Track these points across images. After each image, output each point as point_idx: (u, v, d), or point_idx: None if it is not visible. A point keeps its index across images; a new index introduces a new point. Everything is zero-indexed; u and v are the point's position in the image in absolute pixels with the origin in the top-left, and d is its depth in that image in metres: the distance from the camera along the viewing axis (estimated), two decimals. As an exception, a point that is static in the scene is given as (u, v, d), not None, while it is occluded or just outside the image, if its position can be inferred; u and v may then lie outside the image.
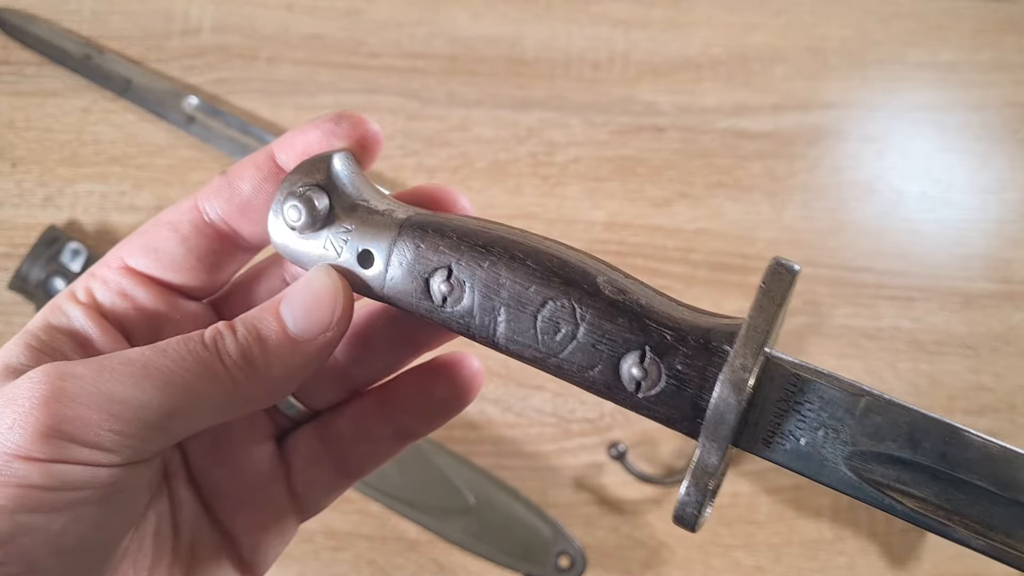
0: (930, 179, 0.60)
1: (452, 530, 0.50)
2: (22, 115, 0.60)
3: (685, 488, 0.19)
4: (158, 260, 0.22)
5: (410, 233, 0.21)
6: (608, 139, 0.60)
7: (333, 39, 0.62)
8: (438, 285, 0.21)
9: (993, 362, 0.56)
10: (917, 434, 0.18)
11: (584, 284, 0.20)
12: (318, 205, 0.21)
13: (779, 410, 0.19)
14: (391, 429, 0.26)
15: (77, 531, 0.19)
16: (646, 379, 0.20)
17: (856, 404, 0.19)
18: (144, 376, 0.19)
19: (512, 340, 0.20)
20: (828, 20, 0.63)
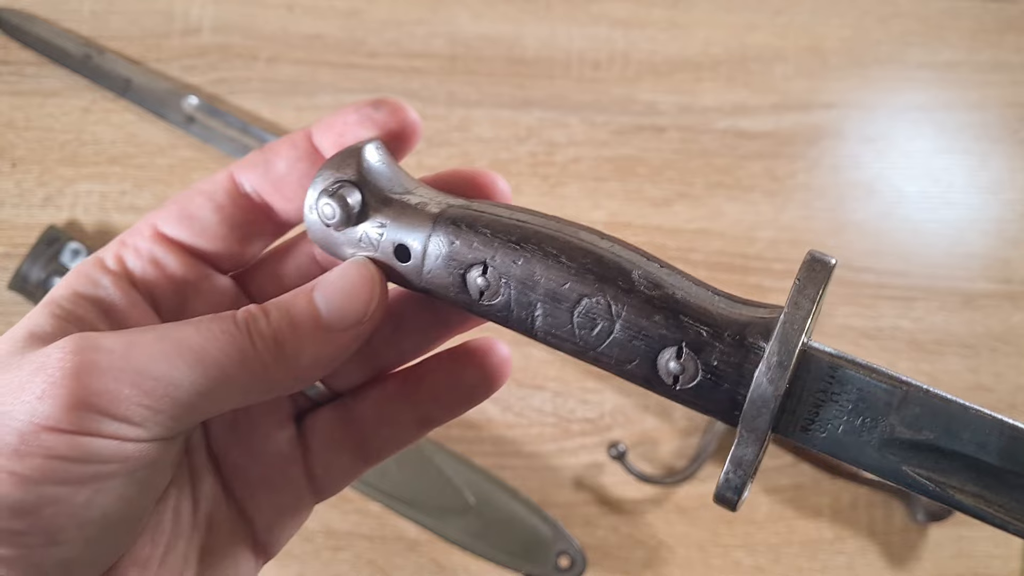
0: (930, 179, 0.60)
1: (452, 530, 0.50)
2: (22, 115, 0.60)
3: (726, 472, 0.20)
4: (192, 227, 0.22)
5: (444, 228, 0.21)
6: (608, 139, 0.60)
7: (333, 39, 0.62)
8: (475, 279, 0.21)
9: (993, 362, 0.57)
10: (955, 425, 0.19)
11: (619, 280, 0.20)
12: (351, 201, 0.21)
13: (818, 400, 0.20)
14: (414, 415, 0.25)
15: (101, 504, 0.18)
16: (683, 374, 0.20)
17: (894, 394, 0.19)
18: (177, 354, 0.19)
19: (550, 334, 0.21)
20: (828, 20, 0.63)
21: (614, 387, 0.55)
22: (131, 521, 0.20)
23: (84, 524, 0.18)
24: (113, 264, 0.22)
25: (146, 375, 0.18)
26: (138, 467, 0.19)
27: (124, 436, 0.18)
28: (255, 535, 0.24)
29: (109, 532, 0.19)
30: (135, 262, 0.22)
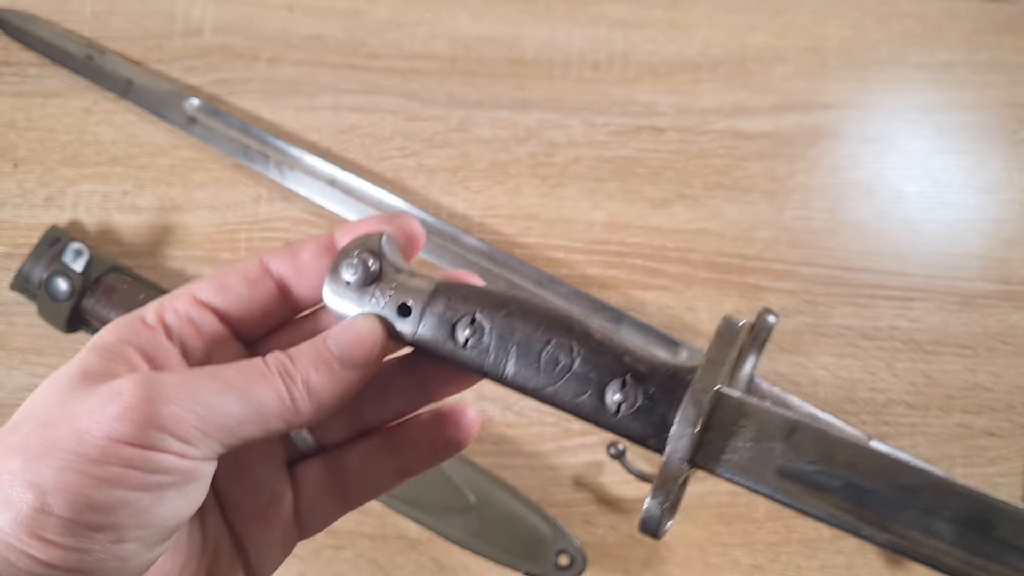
0: (928, 179, 0.60)
1: (452, 529, 0.51)
2: (24, 115, 0.60)
3: (652, 496, 0.23)
4: (226, 297, 0.27)
5: (443, 291, 0.26)
6: (607, 140, 0.60)
7: (333, 40, 0.62)
8: (462, 330, 0.25)
9: (991, 361, 0.57)
10: (831, 449, 0.23)
11: (580, 329, 0.25)
12: (371, 266, 0.26)
13: (726, 433, 0.24)
14: (394, 466, 0.29)
15: (158, 510, 0.22)
16: (626, 401, 0.24)
17: (785, 427, 0.24)
18: (226, 389, 0.23)
19: (519, 373, 0.25)
20: (827, 21, 0.64)
21: (613, 387, 0.56)
22: (174, 529, 0.24)
23: (144, 526, 0.22)
24: (152, 320, 0.26)
25: (202, 404, 0.23)
26: (188, 481, 0.23)
27: (182, 453, 0.22)
28: (248, 562, 0.28)
29: (158, 535, 0.23)
30: (173, 319, 0.26)
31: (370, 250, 0.26)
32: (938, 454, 0.55)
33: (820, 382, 0.56)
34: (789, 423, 0.24)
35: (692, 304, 0.57)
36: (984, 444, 0.55)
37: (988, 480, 0.55)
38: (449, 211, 0.59)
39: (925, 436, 0.55)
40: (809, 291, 0.58)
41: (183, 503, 0.23)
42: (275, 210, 0.59)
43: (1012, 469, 0.55)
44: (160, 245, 0.58)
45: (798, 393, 0.55)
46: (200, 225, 0.58)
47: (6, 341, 0.56)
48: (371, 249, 0.26)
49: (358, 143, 0.60)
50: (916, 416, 0.56)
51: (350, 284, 0.26)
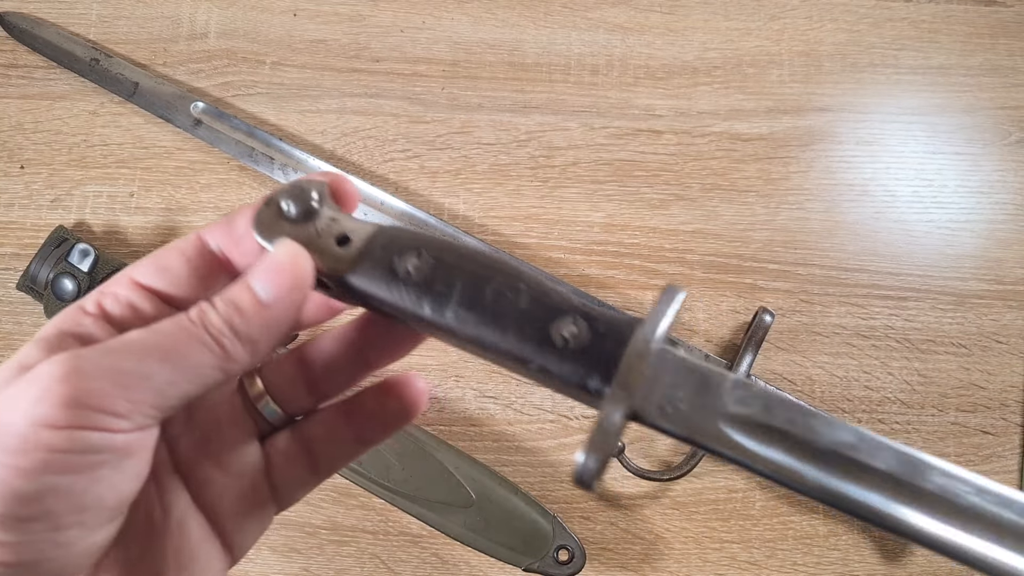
0: (922, 181, 0.61)
1: (453, 525, 0.51)
2: (31, 118, 0.61)
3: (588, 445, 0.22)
4: (165, 276, 0.26)
5: (387, 230, 0.25)
6: (606, 142, 0.61)
7: (337, 44, 0.63)
8: (406, 262, 0.24)
9: (985, 360, 0.57)
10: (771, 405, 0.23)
11: (528, 270, 0.24)
12: (313, 197, 0.24)
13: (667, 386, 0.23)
14: (353, 435, 0.29)
15: (95, 491, 0.21)
16: (575, 336, 0.23)
17: (726, 382, 0.23)
18: (145, 352, 0.22)
19: (459, 312, 0.23)
20: (822, 25, 0.64)
21: (612, 385, 0.56)
22: (119, 507, 0.23)
23: (80, 510, 0.21)
24: (93, 308, 0.25)
25: (123, 372, 0.22)
26: (124, 456, 0.22)
27: (111, 427, 0.21)
28: (224, 537, 0.27)
29: (101, 516, 0.22)
30: (113, 305, 0.25)
31: (313, 188, 0.25)
32: (933, 452, 0.55)
33: (816, 380, 0.57)
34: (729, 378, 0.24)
35: (689, 304, 0.58)
36: (978, 442, 0.56)
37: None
38: (451, 212, 0.59)
39: (920, 434, 0.56)
40: (805, 291, 0.58)
41: (121, 479, 0.22)
42: (279, 211, 0.59)
43: (1007, 467, 0.56)
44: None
45: (794, 391, 0.56)
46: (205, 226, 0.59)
47: (13, 341, 0.56)
48: (314, 188, 0.25)
49: (361, 145, 0.61)
50: (911, 414, 0.56)
51: (285, 214, 0.24)
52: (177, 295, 0.26)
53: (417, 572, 0.53)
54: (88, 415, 0.21)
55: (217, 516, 0.27)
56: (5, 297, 0.57)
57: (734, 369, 0.52)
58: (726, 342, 0.57)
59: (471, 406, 0.56)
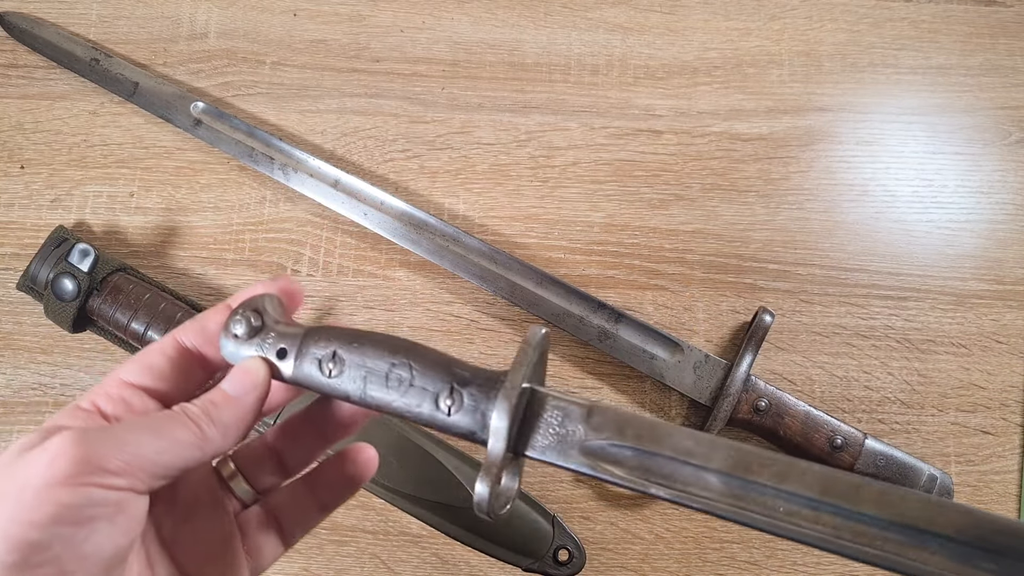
0: (922, 181, 0.61)
1: (453, 525, 0.51)
2: (31, 118, 0.61)
3: (479, 480, 0.27)
4: (150, 374, 0.31)
5: (311, 335, 0.31)
6: (606, 142, 0.61)
7: (337, 44, 0.63)
8: (327, 364, 0.30)
9: (985, 360, 0.57)
10: (623, 425, 0.27)
11: (417, 350, 0.30)
12: (253, 322, 0.31)
13: (538, 423, 0.28)
14: (316, 502, 0.35)
15: (94, 541, 0.25)
16: (454, 405, 0.29)
17: (583, 412, 0.28)
18: (139, 428, 0.27)
19: (373, 394, 0.30)
20: (822, 25, 0.64)
21: (612, 385, 0.56)
22: (115, 560, 0.26)
23: (83, 558, 0.25)
24: (88, 406, 0.29)
25: (122, 442, 0.26)
26: (118, 511, 0.26)
27: (111, 485, 0.25)
28: None
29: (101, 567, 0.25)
30: (106, 403, 0.30)
31: (254, 309, 0.31)
32: (933, 452, 0.56)
33: (816, 380, 0.57)
34: (587, 407, 0.28)
35: (689, 304, 0.58)
36: (978, 442, 0.56)
37: (983, 478, 0.55)
38: (451, 212, 0.59)
39: (920, 434, 0.56)
40: (805, 291, 0.58)
41: (116, 532, 0.26)
42: (280, 211, 0.59)
43: (1006, 467, 0.56)
44: (166, 246, 0.59)
45: (794, 391, 0.56)
46: (205, 226, 0.59)
47: (13, 341, 0.56)
48: (254, 308, 0.32)
49: (361, 145, 0.61)
50: (911, 414, 0.56)
51: (238, 337, 0.31)
52: (160, 388, 0.31)
53: (417, 572, 0.53)
54: (91, 474, 0.25)
55: None
56: (5, 297, 0.57)
57: (734, 369, 0.52)
58: (726, 342, 0.57)
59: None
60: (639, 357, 0.54)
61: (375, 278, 0.58)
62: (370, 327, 0.57)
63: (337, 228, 0.59)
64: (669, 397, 0.56)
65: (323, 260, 0.58)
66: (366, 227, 0.57)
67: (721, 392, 0.52)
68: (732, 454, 0.26)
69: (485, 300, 0.58)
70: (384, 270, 0.58)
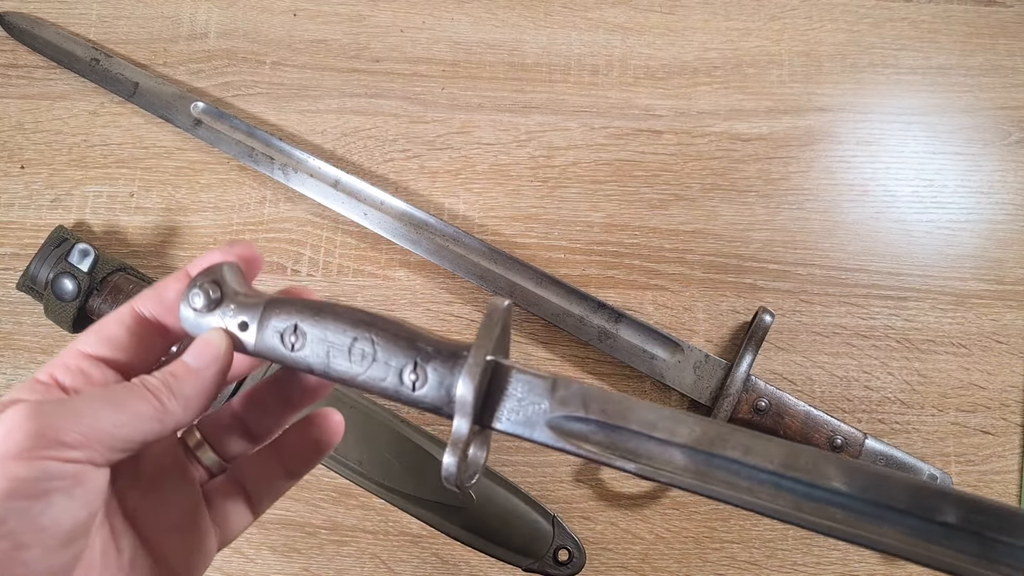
0: (922, 181, 0.61)
1: (453, 525, 0.51)
2: (31, 118, 0.61)
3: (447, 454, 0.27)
4: (108, 344, 0.30)
5: (271, 307, 0.30)
6: (606, 142, 0.61)
7: (337, 44, 0.63)
8: (288, 337, 0.30)
9: (985, 360, 0.57)
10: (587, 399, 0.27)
11: (379, 324, 0.29)
12: (212, 294, 0.30)
13: (502, 395, 0.28)
14: (283, 469, 0.34)
15: (51, 514, 0.25)
16: (418, 380, 0.28)
17: (548, 385, 0.28)
18: (96, 399, 0.27)
19: (336, 368, 0.29)
20: (822, 25, 0.64)
21: (612, 385, 0.56)
22: (74, 532, 0.26)
23: (41, 530, 0.24)
24: (46, 379, 0.29)
25: (78, 414, 0.26)
26: (75, 484, 0.25)
27: (66, 458, 0.25)
28: (171, 571, 0.31)
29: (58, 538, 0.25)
30: (64, 375, 0.29)
31: (212, 280, 0.31)
32: (933, 452, 0.56)
33: (816, 380, 0.57)
34: (551, 380, 0.28)
35: (689, 304, 0.58)
36: (978, 442, 0.56)
37: (983, 478, 0.55)
38: (451, 212, 0.59)
39: (920, 434, 0.56)
40: (805, 291, 0.58)
41: (75, 506, 0.25)
42: (280, 211, 0.59)
43: (1007, 467, 0.56)
44: (166, 246, 0.59)
45: (794, 391, 0.56)
46: (205, 226, 0.59)
47: (13, 341, 0.56)
48: (213, 279, 0.31)
49: (361, 145, 0.61)
50: (911, 414, 0.56)
51: (198, 310, 0.30)
52: (120, 359, 0.30)
53: (417, 572, 0.53)
54: (47, 447, 0.25)
55: (164, 555, 0.31)
56: (5, 297, 0.57)
57: (734, 369, 0.52)
58: (726, 342, 0.57)
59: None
60: (639, 357, 0.54)
61: (375, 278, 0.58)
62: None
63: (337, 228, 0.59)
64: (669, 397, 0.56)
65: (323, 260, 0.58)
66: (366, 227, 0.57)
67: (721, 392, 0.52)
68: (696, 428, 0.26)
69: (485, 300, 0.58)
70: (384, 270, 0.58)
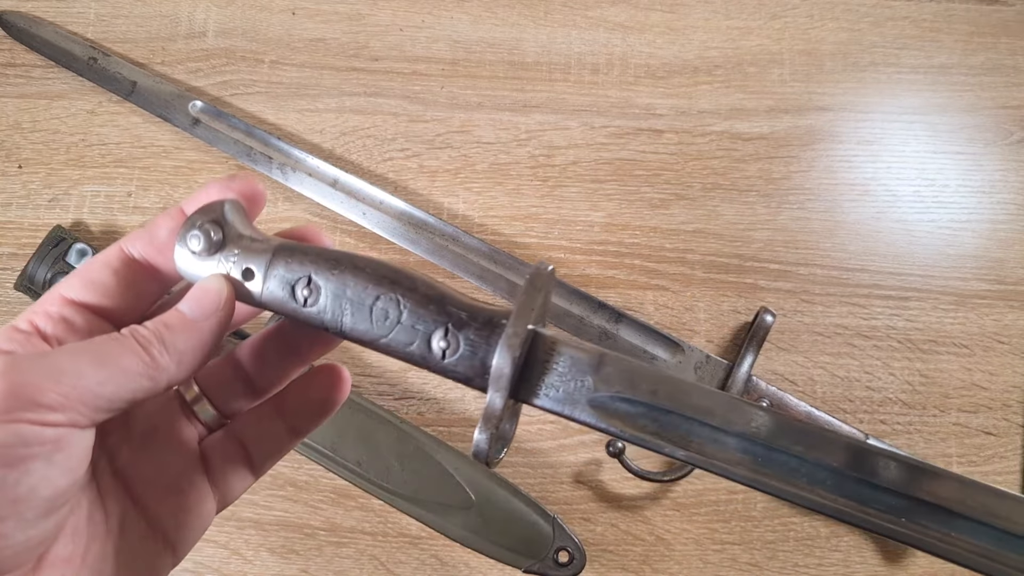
0: (924, 180, 0.61)
1: (453, 526, 0.51)
2: (28, 117, 0.61)
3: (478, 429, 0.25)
4: (94, 289, 0.27)
5: (281, 254, 0.27)
6: (606, 141, 0.61)
7: (336, 43, 0.63)
8: (301, 290, 0.27)
9: (987, 361, 0.57)
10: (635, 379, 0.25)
11: (405, 282, 0.27)
12: (213, 236, 0.27)
13: (542, 369, 0.26)
14: (285, 426, 0.31)
15: (28, 483, 0.22)
16: (449, 348, 0.26)
17: (594, 360, 0.26)
18: (79, 354, 0.24)
19: (354, 328, 0.26)
20: (823, 24, 0.64)
21: (612, 386, 0.56)
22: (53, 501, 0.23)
23: (17, 500, 0.22)
24: (26, 326, 0.26)
25: (58, 371, 0.23)
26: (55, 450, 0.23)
27: (45, 421, 0.22)
28: (165, 535, 0.29)
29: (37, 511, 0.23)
30: (46, 323, 0.26)
31: (212, 220, 0.27)
32: (935, 452, 0.55)
33: (817, 381, 0.56)
34: (597, 356, 0.26)
35: (690, 304, 0.58)
36: (981, 442, 0.56)
37: (985, 478, 0.55)
38: (450, 212, 0.59)
39: (922, 435, 0.56)
40: (806, 291, 0.58)
41: (55, 473, 0.23)
42: (278, 211, 0.59)
43: (1009, 467, 0.55)
44: (164, 245, 0.58)
45: (795, 392, 0.56)
46: (203, 226, 0.59)
47: (11, 341, 0.56)
48: (214, 219, 0.27)
49: (360, 145, 0.60)
50: (913, 415, 0.56)
51: (196, 253, 0.27)
52: (107, 305, 0.27)
53: (416, 574, 0.53)
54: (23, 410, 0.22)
55: (157, 517, 0.28)
56: (3, 297, 0.57)
57: (735, 370, 0.52)
58: (727, 342, 0.57)
59: (471, 407, 0.56)
60: (640, 358, 0.54)
61: (374, 278, 0.58)
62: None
63: (336, 228, 0.59)
64: (670, 397, 0.56)
65: (322, 260, 0.58)
66: (365, 227, 0.56)
67: (722, 392, 0.52)
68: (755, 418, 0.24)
69: (485, 300, 0.57)
70: (383, 270, 0.58)
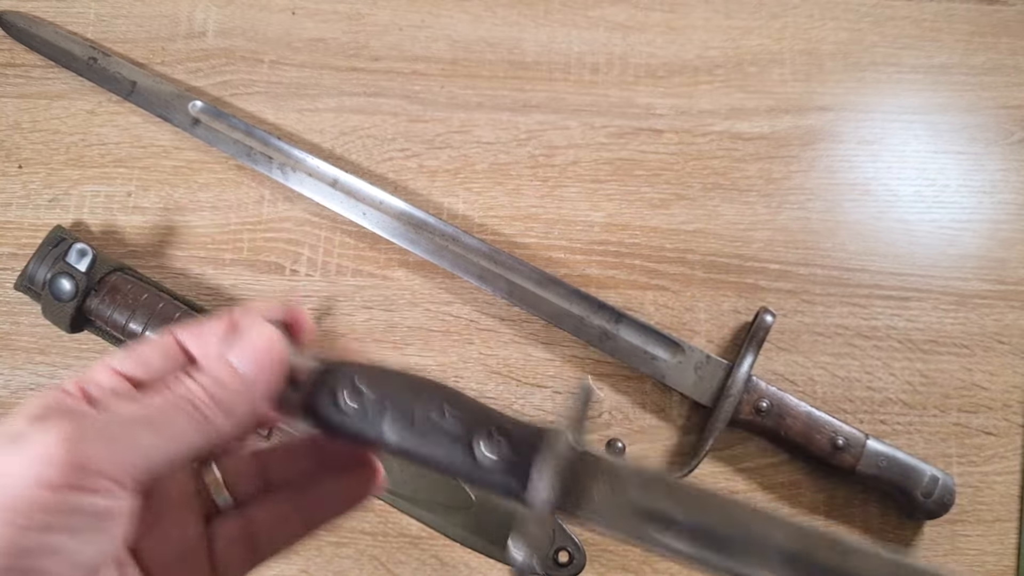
0: (924, 180, 0.61)
1: (453, 526, 0.51)
2: (28, 117, 0.61)
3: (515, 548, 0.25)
4: (146, 369, 0.28)
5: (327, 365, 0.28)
6: (606, 141, 0.61)
7: (336, 43, 0.63)
8: (343, 395, 0.27)
9: (987, 361, 0.57)
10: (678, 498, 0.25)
11: (448, 389, 0.27)
12: None
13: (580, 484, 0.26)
14: (301, 518, 0.31)
15: (78, 549, 0.23)
16: (493, 455, 0.26)
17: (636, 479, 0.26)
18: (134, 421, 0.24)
19: (396, 432, 0.27)
20: (824, 23, 0.64)
21: (613, 385, 0.56)
22: (97, 567, 0.24)
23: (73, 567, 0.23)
24: (74, 390, 0.27)
25: (115, 439, 0.23)
26: (107, 518, 0.23)
27: (101, 488, 0.23)
28: None
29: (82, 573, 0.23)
30: (95, 390, 0.27)
31: None
32: (935, 453, 0.55)
33: (817, 381, 0.56)
34: (641, 478, 0.26)
35: (690, 304, 0.58)
36: (981, 443, 0.56)
37: (985, 479, 0.55)
38: (450, 212, 0.59)
39: (922, 435, 0.56)
40: (806, 291, 0.58)
41: (103, 540, 0.24)
42: (278, 211, 0.59)
43: (1009, 468, 0.55)
44: (164, 245, 0.58)
45: (795, 392, 0.56)
46: (203, 226, 0.59)
47: (10, 341, 0.56)
48: None
49: (360, 145, 0.60)
50: (913, 415, 0.56)
51: None
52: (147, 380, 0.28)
53: (416, 574, 0.53)
54: (83, 477, 0.22)
55: None
56: (3, 297, 0.57)
57: (735, 370, 0.52)
58: (727, 342, 0.57)
59: (471, 407, 0.55)
60: (640, 358, 0.54)
61: (374, 278, 0.58)
62: (369, 327, 0.57)
63: (336, 228, 0.59)
64: (670, 398, 0.56)
65: (322, 260, 0.58)
66: (365, 227, 0.56)
67: (722, 393, 0.52)
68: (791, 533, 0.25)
69: (484, 300, 0.57)
70: (383, 270, 0.58)
